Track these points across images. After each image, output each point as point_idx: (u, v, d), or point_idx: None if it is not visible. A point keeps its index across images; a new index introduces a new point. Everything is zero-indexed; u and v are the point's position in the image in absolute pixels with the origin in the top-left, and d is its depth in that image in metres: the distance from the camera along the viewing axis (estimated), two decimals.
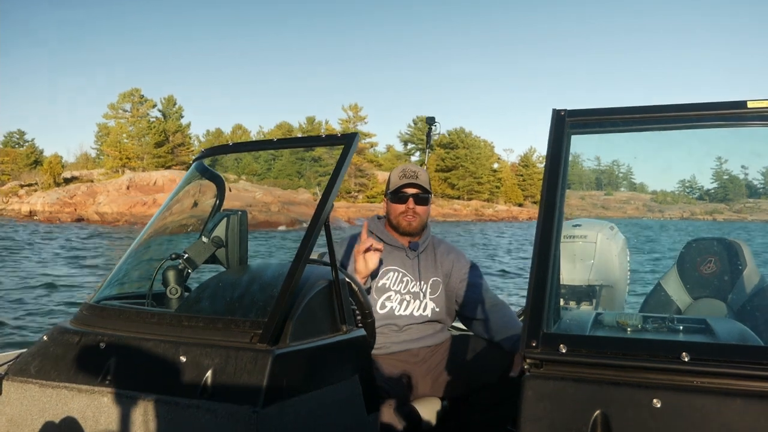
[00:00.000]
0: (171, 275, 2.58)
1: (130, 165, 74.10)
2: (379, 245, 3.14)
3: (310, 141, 2.77)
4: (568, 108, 2.14)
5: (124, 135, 76.36)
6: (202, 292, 2.51)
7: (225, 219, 2.72)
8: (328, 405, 2.23)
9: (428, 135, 5.56)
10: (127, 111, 77.11)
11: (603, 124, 2.18)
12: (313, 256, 2.85)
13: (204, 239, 2.68)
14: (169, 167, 73.42)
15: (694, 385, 1.58)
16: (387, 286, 3.35)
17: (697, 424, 1.52)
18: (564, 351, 1.70)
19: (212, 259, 2.73)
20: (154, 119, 79.24)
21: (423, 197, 3.39)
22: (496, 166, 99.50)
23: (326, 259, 2.59)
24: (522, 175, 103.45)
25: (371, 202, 72.94)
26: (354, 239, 3.46)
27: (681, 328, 1.95)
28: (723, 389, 1.55)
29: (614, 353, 1.67)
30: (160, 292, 2.64)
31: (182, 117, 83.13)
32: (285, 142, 2.87)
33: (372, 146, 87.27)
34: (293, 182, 76.37)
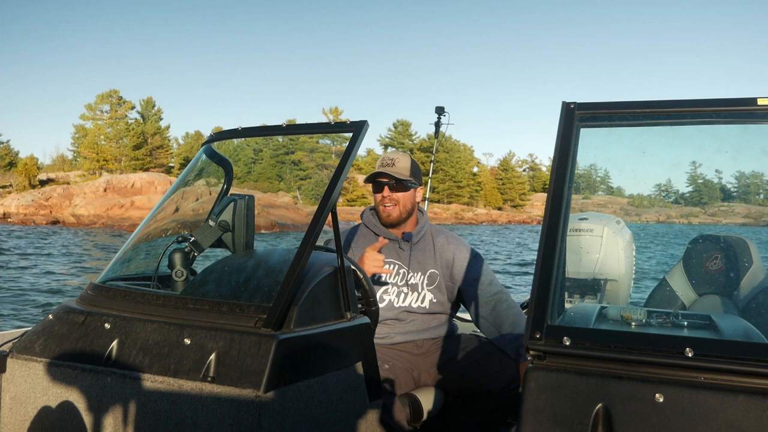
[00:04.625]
0: (177, 258, 2.58)
1: (108, 167, 72.56)
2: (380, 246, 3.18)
3: (320, 128, 2.77)
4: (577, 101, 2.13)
5: (102, 137, 74.56)
6: (207, 275, 2.52)
7: (232, 203, 2.72)
8: (331, 391, 2.24)
9: (437, 125, 5.54)
10: (105, 112, 75.53)
11: (612, 117, 2.17)
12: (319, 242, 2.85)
13: (211, 223, 2.68)
14: (147, 169, 71.97)
15: (697, 381, 1.58)
16: (384, 279, 3.33)
17: (700, 420, 1.52)
18: (567, 343, 1.70)
19: (218, 243, 2.73)
20: (132, 121, 77.68)
21: (398, 184, 3.31)
22: (475, 169, 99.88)
23: (332, 246, 2.59)
24: (501, 179, 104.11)
25: (351, 206, 72.07)
26: (354, 231, 3.46)
27: (685, 323, 1.94)
28: (726, 386, 1.55)
29: (618, 347, 1.67)
30: (165, 274, 2.64)
31: (161, 119, 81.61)
32: (294, 128, 2.86)
33: None
34: (273, 185, 75.48)
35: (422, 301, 3.36)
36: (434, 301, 3.38)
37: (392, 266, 3.35)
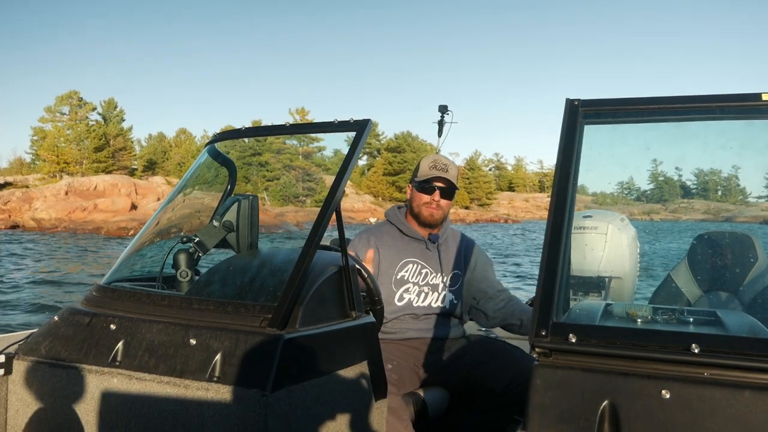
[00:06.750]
0: (182, 258, 2.58)
1: (69, 170, 69.85)
2: None
3: (322, 127, 2.78)
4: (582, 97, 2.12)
5: (62, 139, 72.07)
6: (212, 275, 2.52)
7: (236, 203, 2.72)
8: (337, 390, 2.24)
9: (440, 123, 5.53)
10: (65, 114, 73.29)
11: (616, 114, 2.16)
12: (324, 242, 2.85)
13: (215, 223, 2.69)
14: (110, 172, 69.37)
15: (704, 377, 1.57)
16: (405, 278, 3.36)
17: (706, 416, 1.52)
18: (573, 341, 1.69)
19: (223, 243, 2.73)
20: (93, 123, 75.42)
21: (450, 191, 3.41)
22: None
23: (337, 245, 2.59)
24: (468, 178, 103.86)
25: (319, 207, 71.22)
26: (377, 229, 3.50)
27: (691, 319, 1.94)
28: (732, 381, 1.55)
29: (624, 344, 1.67)
30: (170, 275, 2.65)
31: (123, 120, 79.87)
32: (297, 128, 2.87)
33: (320, 150, 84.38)
34: (240, 187, 74.51)
35: (442, 301, 3.40)
36: (454, 302, 3.43)
37: (415, 265, 3.40)
